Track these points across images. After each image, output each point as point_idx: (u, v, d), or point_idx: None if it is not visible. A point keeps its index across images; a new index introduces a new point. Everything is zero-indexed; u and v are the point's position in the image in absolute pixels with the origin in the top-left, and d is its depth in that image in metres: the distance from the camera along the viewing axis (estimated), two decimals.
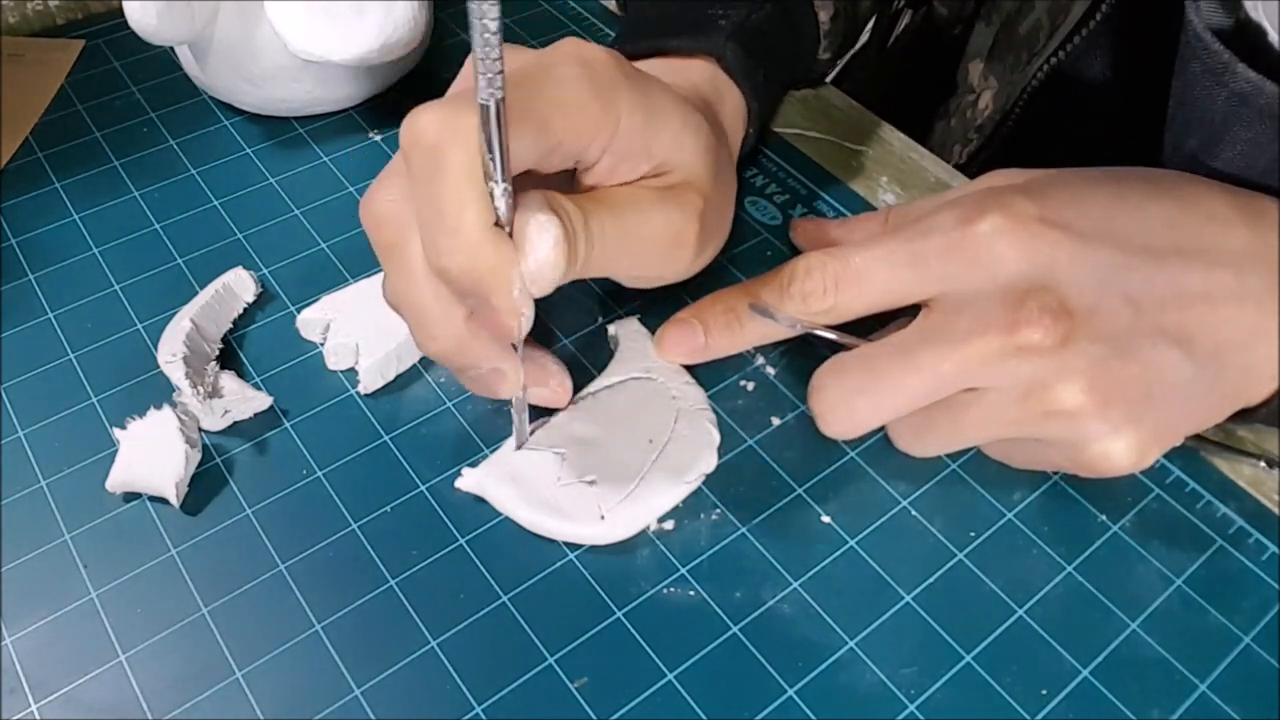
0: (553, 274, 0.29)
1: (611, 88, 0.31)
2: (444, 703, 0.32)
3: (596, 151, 0.32)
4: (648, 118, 0.32)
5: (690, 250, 0.34)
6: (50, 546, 0.35)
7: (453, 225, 0.29)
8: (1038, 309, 0.30)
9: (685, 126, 0.34)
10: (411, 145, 0.29)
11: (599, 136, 0.31)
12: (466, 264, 0.29)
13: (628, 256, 0.33)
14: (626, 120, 0.31)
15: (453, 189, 0.28)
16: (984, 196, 0.33)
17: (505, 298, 0.29)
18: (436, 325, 0.32)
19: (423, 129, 0.29)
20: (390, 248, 0.32)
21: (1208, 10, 0.34)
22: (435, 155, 0.28)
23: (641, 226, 0.32)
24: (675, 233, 0.33)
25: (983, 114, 0.55)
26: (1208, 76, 0.34)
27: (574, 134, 0.31)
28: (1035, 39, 0.51)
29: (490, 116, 0.27)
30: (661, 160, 0.33)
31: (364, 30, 0.46)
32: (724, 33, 0.41)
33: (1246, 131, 0.34)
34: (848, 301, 0.33)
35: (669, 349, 0.36)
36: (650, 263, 0.34)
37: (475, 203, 0.28)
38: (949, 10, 0.60)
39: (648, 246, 0.33)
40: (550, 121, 0.30)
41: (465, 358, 0.33)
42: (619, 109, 0.31)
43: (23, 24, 0.57)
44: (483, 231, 0.28)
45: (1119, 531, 0.36)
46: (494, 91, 0.26)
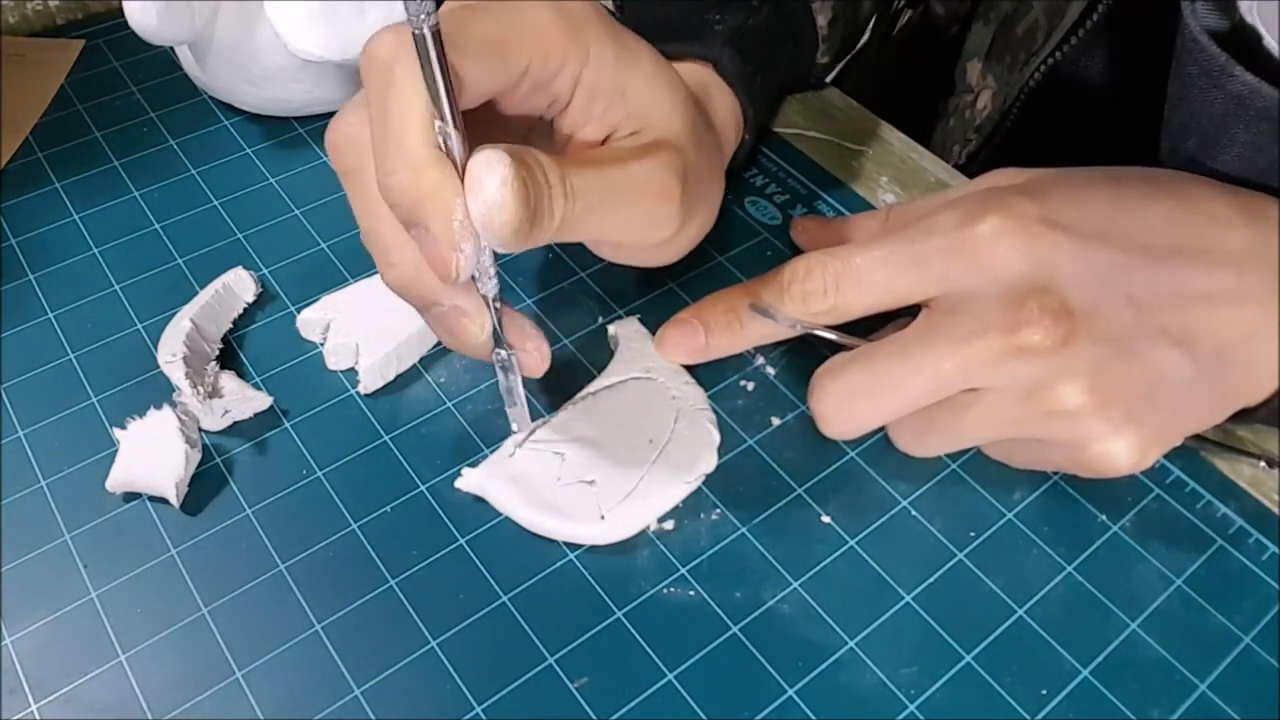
0: (503, 216, 0.28)
1: (580, 17, 0.31)
2: (444, 703, 0.32)
3: (567, 81, 0.31)
4: (619, 53, 0.32)
5: (675, 208, 0.32)
6: (50, 546, 0.35)
7: (396, 142, 0.28)
8: (1038, 309, 0.30)
9: (658, 72, 0.33)
10: (367, 65, 0.29)
11: (568, 63, 0.31)
12: (406, 182, 0.28)
13: (611, 213, 0.31)
14: (596, 49, 0.31)
15: (398, 106, 0.28)
16: (985, 197, 0.33)
17: (443, 224, 0.28)
18: (393, 250, 0.31)
19: (377, 47, 0.29)
20: (349, 171, 0.32)
21: (1204, 12, 0.34)
22: (386, 73, 0.28)
23: (623, 179, 0.31)
24: (659, 187, 0.32)
25: (981, 114, 0.55)
26: (1205, 79, 0.34)
27: (540, 58, 0.30)
28: (1033, 39, 0.51)
29: (426, 46, 0.26)
30: (635, 105, 0.32)
31: (364, 30, 0.46)
32: (720, 38, 0.41)
33: (1244, 134, 0.34)
34: (848, 302, 0.33)
35: (670, 349, 0.36)
36: (635, 222, 0.32)
37: (419, 121, 0.28)
38: (946, 10, 0.60)
39: (631, 202, 0.32)
40: (514, 45, 0.30)
41: (425, 286, 0.32)
42: (587, 37, 0.31)
43: (23, 24, 0.57)
44: (424, 150, 0.28)
45: (1119, 531, 0.36)
46: (425, 18, 0.25)
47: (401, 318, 0.40)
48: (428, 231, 0.28)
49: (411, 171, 0.28)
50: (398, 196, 0.29)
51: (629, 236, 0.33)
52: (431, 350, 0.41)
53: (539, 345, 0.35)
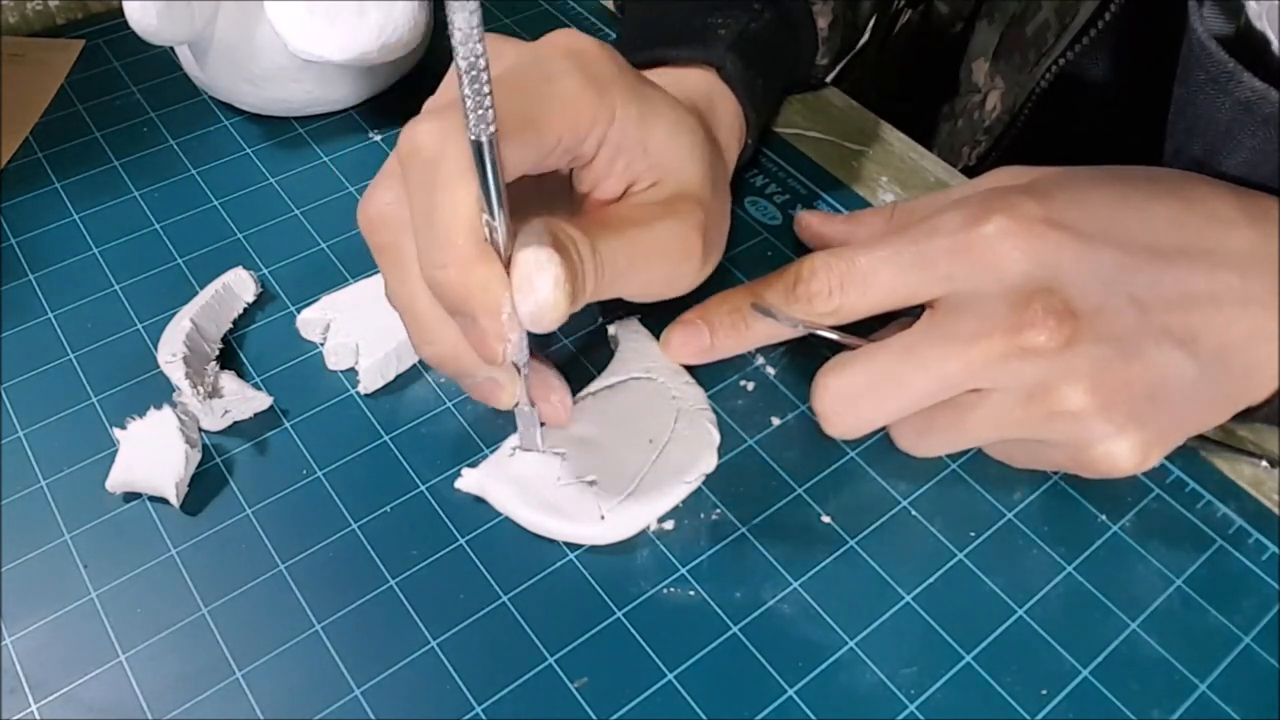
0: (553, 314, 0.28)
1: (605, 78, 0.31)
2: (444, 703, 0.32)
3: (593, 144, 0.31)
4: (642, 109, 0.32)
5: (696, 262, 0.33)
6: (50, 546, 0.35)
7: (444, 239, 0.28)
8: (1042, 311, 0.30)
9: (680, 124, 0.33)
10: (409, 155, 0.29)
11: (595, 127, 0.31)
12: (456, 279, 0.28)
13: (636, 275, 0.32)
14: (622, 110, 0.31)
15: (447, 203, 0.28)
16: (989, 197, 0.33)
17: (492, 320, 0.29)
18: (432, 329, 0.32)
19: (420, 140, 0.29)
20: (386, 249, 0.32)
21: (1211, 17, 0.34)
22: (431, 167, 0.28)
23: (648, 243, 0.32)
24: (682, 246, 0.33)
25: (991, 115, 0.55)
26: (1212, 85, 0.34)
27: (571, 128, 0.30)
28: (1043, 39, 0.51)
29: (483, 152, 0.27)
30: (656, 159, 0.33)
31: (364, 30, 0.46)
32: (724, 42, 0.41)
33: (1251, 139, 0.34)
34: (853, 302, 0.33)
35: (675, 350, 0.36)
36: (658, 279, 0.33)
37: (467, 216, 0.28)
38: (950, 8, 0.60)
39: (655, 263, 0.32)
40: (548, 121, 0.30)
41: (461, 364, 0.33)
42: (614, 98, 0.31)
43: (23, 24, 0.57)
44: (474, 249, 0.28)
45: (1119, 531, 0.36)
46: (485, 128, 0.26)
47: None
48: (475, 323, 0.29)
49: (461, 267, 0.28)
50: (445, 290, 0.29)
51: (650, 292, 0.34)
52: None
53: (562, 398, 0.37)
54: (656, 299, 0.35)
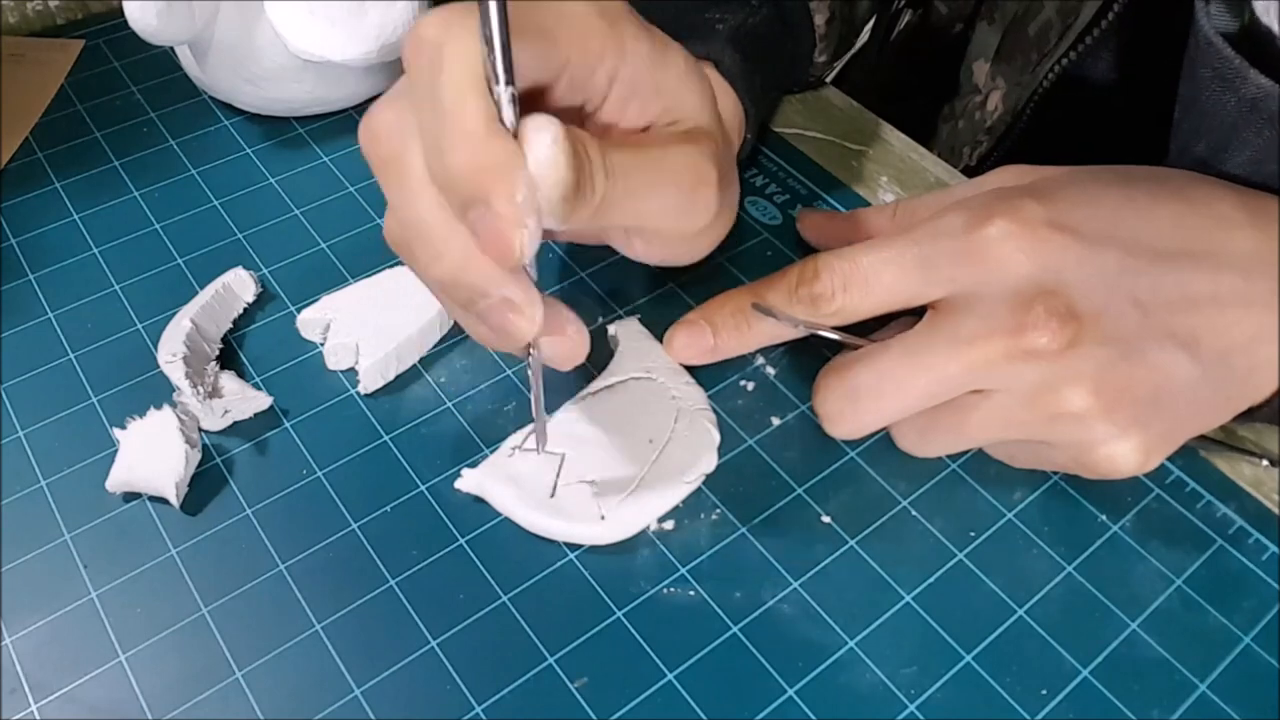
0: (554, 175, 0.27)
1: (615, 13, 0.30)
2: (444, 703, 0.32)
3: (604, 78, 0.30)
4: (653, 49, 0.31)
5: (712, 192, 0.31)
6: (50, 546, 0.35)
7: (453, 120, 0.27)
8: (1045, 313, 0.30)
9: (691, 69, 0.32)
10: (414, 49, 0.28)
11: (605, 58, 0.30)
12: (467, 159, 0.27)
13: (649, 197, 0.30)
14: (632, 45, 0.30)
15: (454, 83, 0.27)
16: (991, 199, 0.33)
17: (508, 200, 0.26)
18: (441, 240, 0.29)
19: (424, 29, 0.28)
20: (389, 159, 0.30)
21: (1217, 14, 0.34)
22: (436, 52, 0.27)
23: (662, 162, 0.30)
24: (697, 171, 0.31)
25: (992, 115, 0.55)
26: (1217, 82, 0.34)
27: (580, 50, 0.29)
28: (1045, 39, 0.51)
29: (489, 10, 0.25)
30: (670, 101, 0.32)
31: (364, 30, 0.46)
32: (721, 37, 0.41)
33: (1256, 137, 0.34)
34: (855, 303, 0.33)
35: (679, 351, 0.36)
36: (673, 207, 0.31)
37: (477, 95, 0.27)
38: (949, 9, 0.60)
39: (670, 184, 0.31)
40: (556, 33, 0.29)
41: (473, 276, 0.29)
42: (624, 32, 0.30)
43: (23, 24, 0.57)
44: (485, 124, 0.27)
45: (1119, 531, 0.36)
46: None
47: (401, 318, 0.40)
48: (489, 208, 0.27)
49: (472, 145, 0.27)
50: (457, 172, 0.27)
51: (666, 222, 0.32)
52: (431, 350, 0.41)
53: (578, 329, 0.33)
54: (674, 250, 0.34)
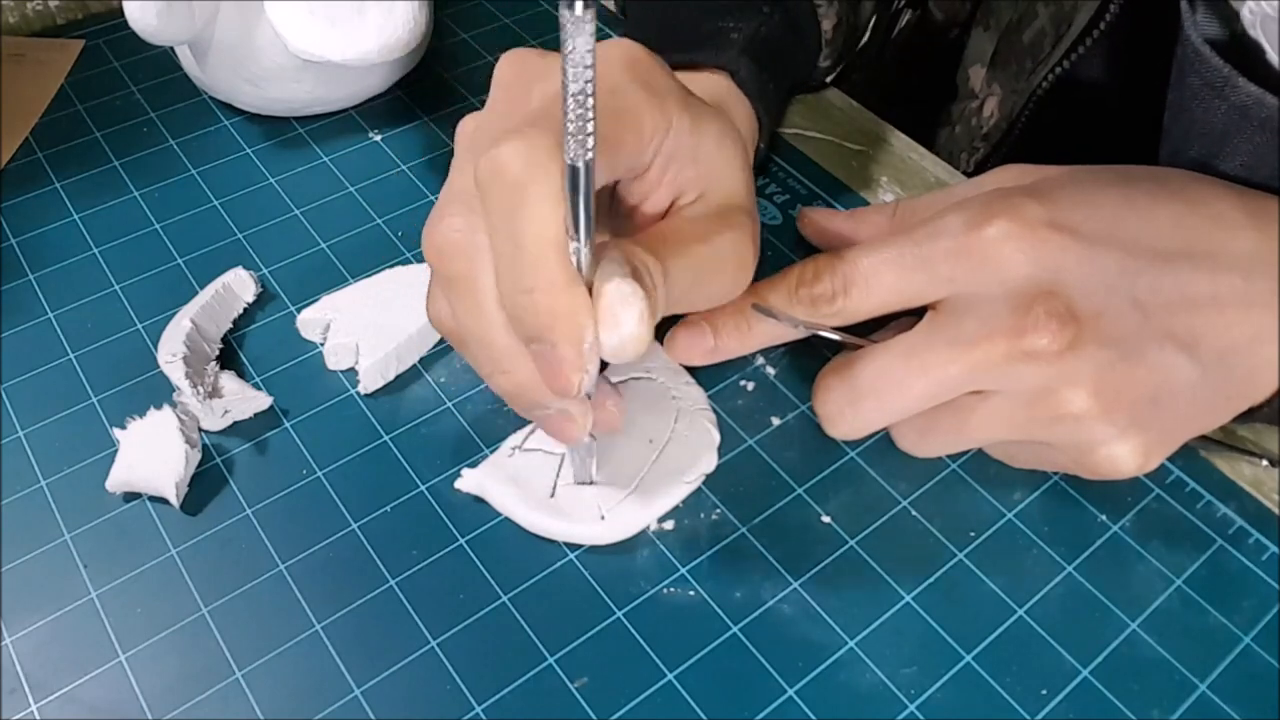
0: (637, 348, 0.28)
1: (662, 90, 0.31)
2: (444, 703, 0.32)
3: (651, 155, 0.31)
4: (694, 119, 0.31)
5: (750, 273, 0.33)
6: (50, 546, 0.35)
7: (533, 262, 0.27)
8: (1045, 314, 0.30)
9: (725, 133, 0.33)
10: (491, 177, 0.28)
11: (655, 139, 0.30)
12: (543, 304, 0.27)
13: (697, 293, 0.32)
14: (677, 120, 0.31)
15: (536, 225, 0.27)
16: (991, 199, 0.33)
17: (574, 349, 0.28)
18: (506, 359, 0.30)
19: (505, 162, 0.27)
20: (458, 279, 0.30)
21: (1205, 23, 0.34)
22: (518, 190, 0.27)
23: (711, 259, 0.31)
24: (740, 259, 0.32)
25: (988, 121, 0.55)
26: (1207, 90, 0.34)
27: (636, 144, 0.30)
28: (1040, 46, 0.51)
29: (579, 177, 0.26)
30: (704, 168, 0.32)
31: (364, 30, 0.46)
32: (737, 46, 0.41)
33: (1246, 144, 0.34)
34: (856, 304, 0.33)
35: (680, 351, 0.36)
36: (714, 294, 0.33)
37: (559, 241, 0.27)
38: (944, 14, 0.60)
39: (716, 278, 0.32)
40: (619, 138, 0.29)
41: (534, 395, 0.31)
42: (670, 108, 0.30)
43: (23, 24, 0.57)
44: (563, 273, 0.27)
45: (1119, 531, 0.36)
46: (584, 152, 0.25)
47: (401, 318, 0.40)
48: (554, 350, 0.28)
49: (549, 292, 0.27)
50: (530, 315, 0.28)
51: (706, 305, 0.33)
52: (431, 350, 0.41)
53: (617, 402, 0.34)
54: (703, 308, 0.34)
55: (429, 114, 0.52)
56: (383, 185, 0.48)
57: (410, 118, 0.51)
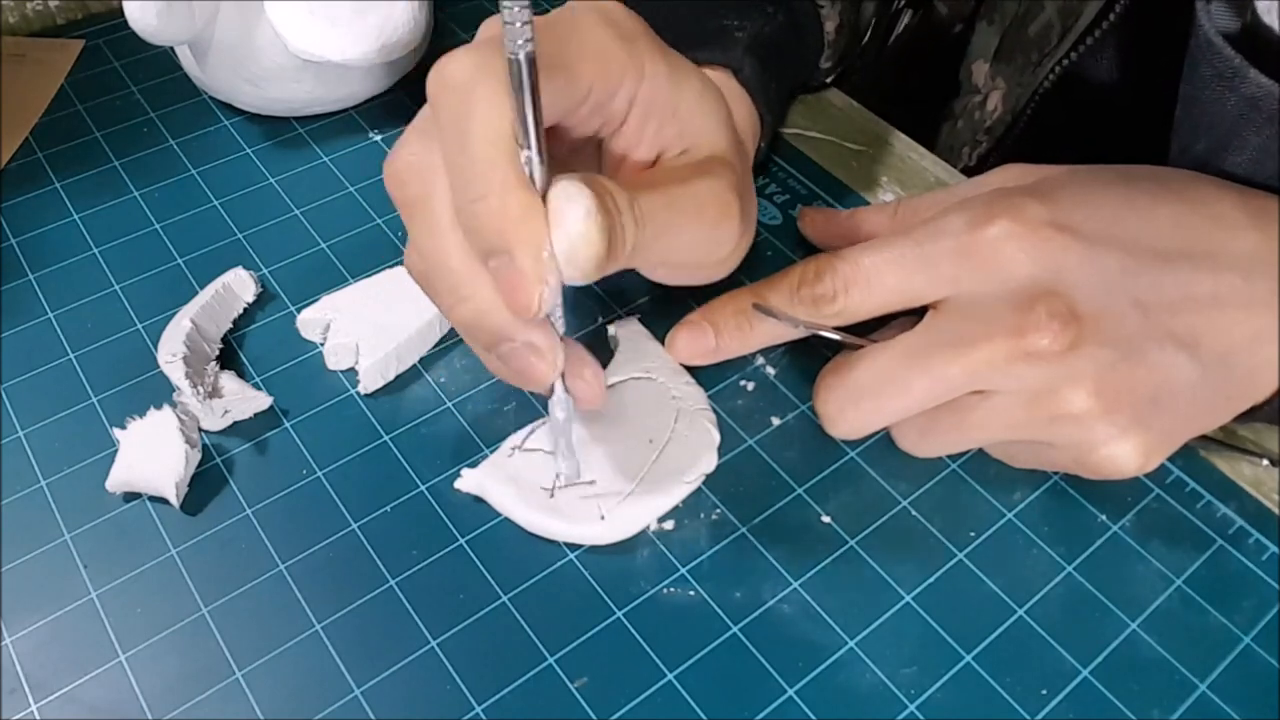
0: (587, 249, 0.27)
1: (633, 34, 0.30)
2: (444, 703, 0.32)
3: (624, 101, 0.30)
4: (670, 70, 0.31)
5: (735, 223, 0.32)
6: (50, 546, 0.35)
7: (482, 165, 0.27)
8: (1046, 314, 0.30)
9: (707, 89, 0.32)
10: (440, 89, 0.28)
11: (625, 82, 0.30)
12: (495, 207, 0.27)
13: (677, 234, 0.31)
14: (650, 67, 0.30)
15: (483, 134, 0.27)
16: (993, 199, 0.33)
17: (531, 256, 0.26)
18: (466, 283, 0.29)
19: (451, 71, 0.27)
20: (415, 201, 0.30)
21: (1219, 13, 0.34)
22: (465, 96, 0.27)
23: (686, 199, 0.31)
24: (719, 204, 0.31)
25: (992, 115, 0.55)
26: (1218, 81, 0.34)
27: (601, 78, 0.29)
28: (1046, 40, 0.51)
29: (520, 72, 0.25)
30: (686, 124, 0.32)
31: (364, 30, 0.46)
32: (741, 45, 0.41)
33: (1256, 136, 0.34)
34: (857, 304, 0.33)
35: (681, 351, 0.36)
36: (699, 242, 0.32)
37: (506, 147, 0.27)
38: (949, 9, 0.60)
39: (696, 222, 0.31)
40: (577, 66, 0.29)
41: (496, 321, 0.29)
42: (642, 54, 0.30)
43: (23, 24, 0.57)
44: (513, 174, 0.26)
45: (1119, 531, 0.36)
46: (523, 43, 0.25)
47: (401, 317, 0.40)
48: (512, 262, 0.27)
49: (500, 194, 0.26)
50: (483, 222, 0.27)
51: (692, 256, 0.32)
52: (431, 350, 0.41)
53: (595, 372, 0.33)
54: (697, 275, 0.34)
55: None
56: (383, 185, 0.48)
57: (410, 118, 0.51)
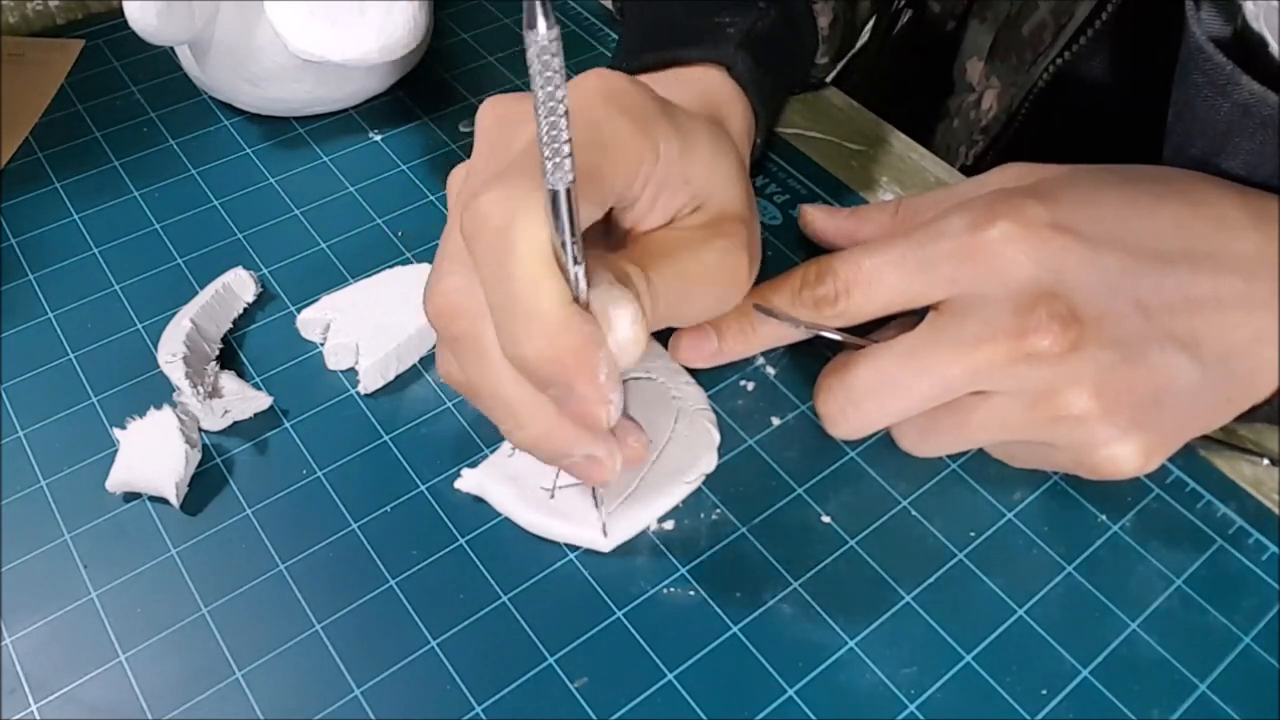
0: (634, 351, 0.28)
1: (646, 118, 0.30)
2: (444, 703, 0.32)
3: (640, 186, 0.31)
4: (683, 143, 0.31)
5: (744, 285, 0.33)
6: (50, 546, 0.35)
7: (528, 309, 0.27)
8: (1047, 316, 0.30)
9: (717, 150, 0.33)
10: (475, 231, 0.27)
11: (642, 170, 0.30)
12: (547, 349, 0.27)
13: (689, 304, 0.31)
14: (664, 146, 0.30)
15: (525, 272, 0.27)
16: (994, 200, 0.33)
17: (590, 383, 0.27)
18: (524, 413, 0.30)
19: (486, 212, 0.27)
20: (462, 339, 0.30)
21: (1209, 20, 0.34)
22: (502, 238, 0.27)
23: (698, 270, 0.31)
24: (731, 269, 0.32)
25: (987, 114, 0.55)
26: (1210, 88, 0.34)
27: (623, 175, 0.29)
28: (1040, 39, 0.51)
29: (561, 201, 0.25)
30: (698, 188, 0.32)
31: (364, 30, 0.46)
32: (733, 41, 0.41)
33: (1249, 142, 0.34)
34: (859, 306, 0.33)
35: (684, 354, 0.36)
36: (707, 306, 0.33)
37: (551, 282, 0.27)
38: (942, 6, 0.60)
39: (705, 289, 0.32)
40: (603, 171, 0.29)
41: (557, 444, 0.30)
42: (657, 137, 0.30)
43: (23, 24, 0.57)
44: (562, 311, 0.27)
45: (1119, 531, 0.36)
46: (564, 175, 0.25)
47: (401, 318, 0.40)
48: (572, 392, 0.27)
49: (550, 337, 0.27)
50: (535, 365, 0.27)
51: (700, 317, 0.33)
52: (431, 350, 0.41)
53: (639, 438, 0.33)
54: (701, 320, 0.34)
55: (429, 114, 0.52)
56: (383, 185, 0.48)
57: (410, 118, 0.51)
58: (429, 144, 0.50)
